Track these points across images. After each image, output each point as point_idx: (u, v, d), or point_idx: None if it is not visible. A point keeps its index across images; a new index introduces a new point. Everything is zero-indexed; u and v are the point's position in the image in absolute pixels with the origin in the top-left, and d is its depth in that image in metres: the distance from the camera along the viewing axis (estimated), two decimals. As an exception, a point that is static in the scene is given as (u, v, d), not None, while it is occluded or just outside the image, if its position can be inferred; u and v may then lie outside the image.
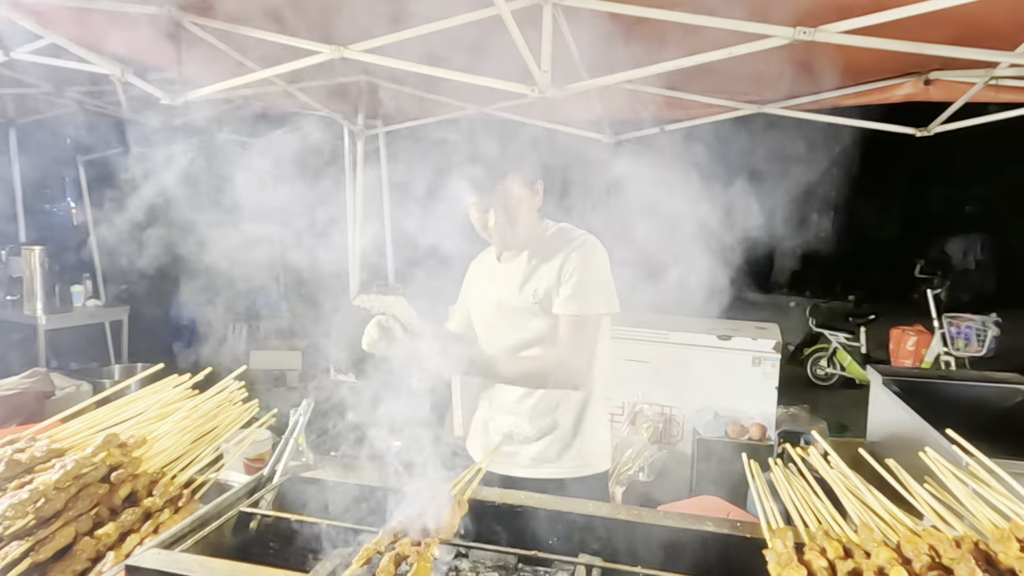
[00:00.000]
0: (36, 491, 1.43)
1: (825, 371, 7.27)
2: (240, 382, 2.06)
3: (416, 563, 1.27)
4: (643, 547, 1.44)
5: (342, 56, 2.84)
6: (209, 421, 1.92)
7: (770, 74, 3.69)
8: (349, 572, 1.23)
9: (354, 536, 1.49)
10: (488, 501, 1.56)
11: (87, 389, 4.73)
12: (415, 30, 2.69)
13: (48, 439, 1.70)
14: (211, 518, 1.46)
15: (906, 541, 1.21)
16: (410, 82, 4.08)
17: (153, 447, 1.74)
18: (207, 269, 8.85)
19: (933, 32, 2.54)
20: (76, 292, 5.89)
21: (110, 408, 1.90)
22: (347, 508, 1.63)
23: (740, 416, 3.88)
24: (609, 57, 3.12)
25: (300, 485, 1.70)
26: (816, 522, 1.40)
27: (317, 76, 4.06)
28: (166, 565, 1.24)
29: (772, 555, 1.27)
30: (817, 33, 2.38)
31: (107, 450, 1.61)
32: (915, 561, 1.15)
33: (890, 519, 1.33)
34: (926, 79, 3.67)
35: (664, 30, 2.62)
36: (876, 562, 1.17)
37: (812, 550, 1.25)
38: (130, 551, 1.46)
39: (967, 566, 1.08)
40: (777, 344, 3.92)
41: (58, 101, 5.27)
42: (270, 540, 1.57)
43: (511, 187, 1.92)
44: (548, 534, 1.52)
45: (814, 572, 1.18)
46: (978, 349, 6.28)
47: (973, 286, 8.44)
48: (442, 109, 4.36)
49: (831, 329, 7.20)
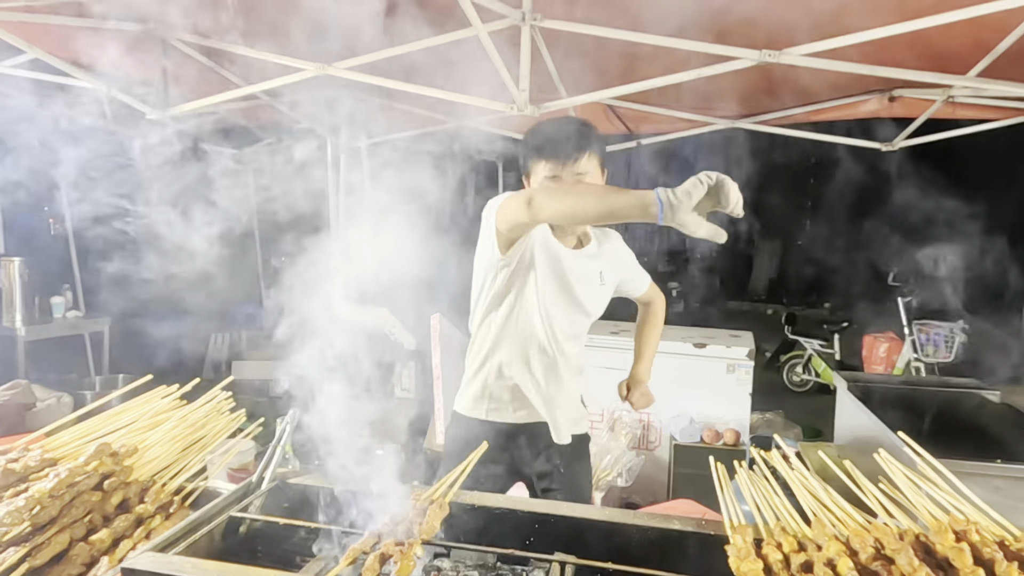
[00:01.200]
0: (32, 499, 1.48)
1: (801, 377, 7.43)
2: (227, 392, 2.12)
3: (400, 562, 1.34)
4: (615, 546, 1.52)
5: (326, 73, 2.91)
6: (197, 431, 1.98)
7: (741, 91, 3.83)
8: (336, 571, 1.30)
9: (340, 538, 1.55)
10: (468, 503, 1.63)
11: (68, 401, 4.73)
12: (398, 49, 2.78)
13: (40, 449, 1.75)
14: (202, 523, 1.52)
15: (855, 535, 1.30)
16: (395, 96, 4.16)
17: (144, 456, 1.80)
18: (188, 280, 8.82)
19: (894, 53, 2.69)
20: (56, 303, 5.87)
21: (100, 419, 1.95)
22: (333, 512, 1.70)
23: (715, 422, 3.99)
24: (586, 74, 3.24)
25: (287, 490, 1.76)
26: (775, 519, 1.50)
27: (300, 91, 4.13)
28: (160, 567, 1.30)
29: (732, 549, 1.36)
30: (782, 56, 2.50)
31: (99, 459, 1.67)
32: (861, 552, 1.24)
33: (843, 515, 1.43)
34: (890, 96, 3.83)
35: (638, 50, 2.73)
36: (826, 554, 1.26)
37: (769, 544, 1.35)
38: (123, 556, 1.51)
39: (906, 555, 1.18)
40: (751, 351, 4.04)
41: (38, 112, 5.27)
42: (258, 544, 1.63)
43: (589, 163, 1.90)
44: (525, 534, 1.59)
45: (770, 565, 1.28)
46: (946, 355, 6.47)
47: (941, 294, 8.68)
48: (426, 122, 4.45)
49: (806, 336, 7.37)
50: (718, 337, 4.24)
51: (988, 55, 2.71)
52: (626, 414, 4.18)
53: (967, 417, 2.52)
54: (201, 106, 3.40)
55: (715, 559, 1.42)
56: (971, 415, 2.52)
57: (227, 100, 3.43)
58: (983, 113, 3.66)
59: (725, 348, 4.05)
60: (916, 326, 6.60)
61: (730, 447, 3.85)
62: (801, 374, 7.41)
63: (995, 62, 2.76)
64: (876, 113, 3.98)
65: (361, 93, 4.19)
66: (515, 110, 2.70)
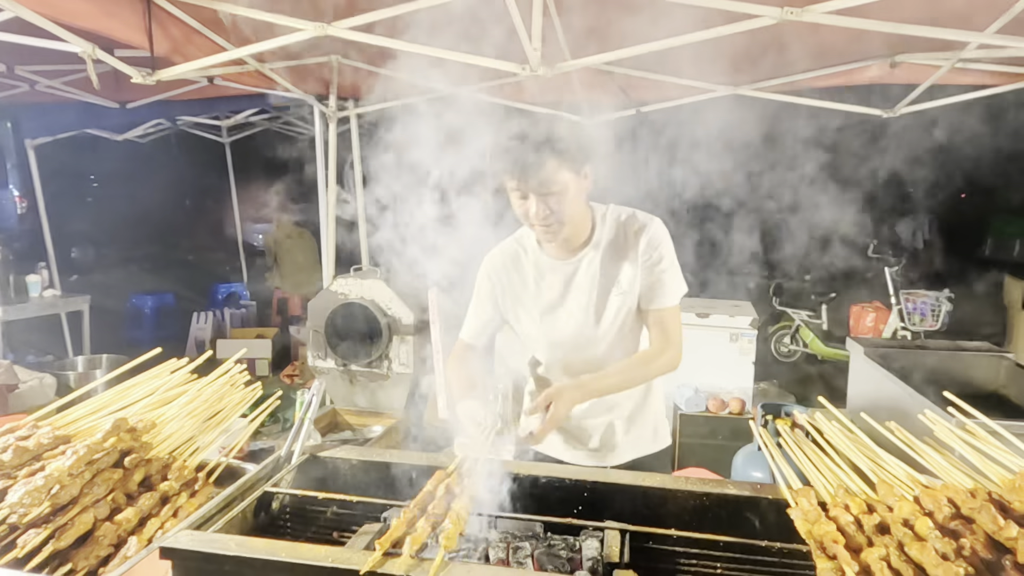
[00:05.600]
0: (51, 477, 1.39)
1: (788, 348, 7.49)
2: (242, 366, 2.02)
3: (447, 531, 1.28)
4: (668, 513, 1.48)
5: (326, 33, 2.77)
6: (213, 405, 1.88)
7: (746, 55, 3.76)
8: (387, 538, 1.23)
9: (378, 511, 1.49)
10: (514, 472, 1.57)
11: (50, 382, 4.58)
12: (401, 7, 2.66)
13: (50, 427, 1.65)
14: (236, 499, 1.44)
15: (925, 494, 1.27)
16: (386, 64, 4.02)
17: (161, 431, 1.71)
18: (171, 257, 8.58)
19: (903, 13, 2.64)
20: (32, 282, 5.65)
21: (110, 394, 1.85)
22: (367, 485, 1.63)
23: (719, 391, 3.98)
24: (594, 37, 3.14)
25: (317, 464, 1.69)
26: (827, 483, 1.46)
27: (289, 56, 3.97)
28: (202, 545, 1.22)
29: (798, 513, 1.31)
30: (804, 13, 2.43)
31: (117, 435, 1.57)
32: (936, 512, 1.21)
33: (903, 476, 1.40)
34: (892, 62, 3.79)
35: (654, 7, 2.64)
36: (900, 515, 1.23)
37: (836, 507, 1.31)
38: (152, 535, 1.43)
39: (987, 513, 1.15)
40: (753, 320, 4.03)
41: (6, 82, 5.00)
42: (290, 519, 1.55)
43: (558, 175, 1.66)
44: (574, 503, 1.54)
45: (842, 527, 1.24)
46: (932, 323, 6.56)
47: (924, 264, 8.80)
48: (419, 91, 4.31)
49: (794, 307, 7.42)
50: (720, 307, 4.22)
51: (1006, 13, 2.67)
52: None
53: (987, 378, 2.52)
54: (188, 70, 3.24)
55: (776, 523, 1.38)
56: (991, 376, 2.52)
57: (216, 64, 3.27)
58: (987, 79, 3.64)
59: (728, 318, 4.03)
60: (903, 295, 6.68)
61: (736, 416, 3.85)
62: (789, 344, 7.47)
63: (1008, 24, 2.72)
64: (878, 79, 3.94)
65: (355, 56, 4.04)
66: (528, 71, 2.60)
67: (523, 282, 1.92)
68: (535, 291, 1.90)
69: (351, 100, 4.69)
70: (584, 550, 1.39)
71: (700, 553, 1.35)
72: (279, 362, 6.58)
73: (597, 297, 1.84)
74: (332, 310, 4.37)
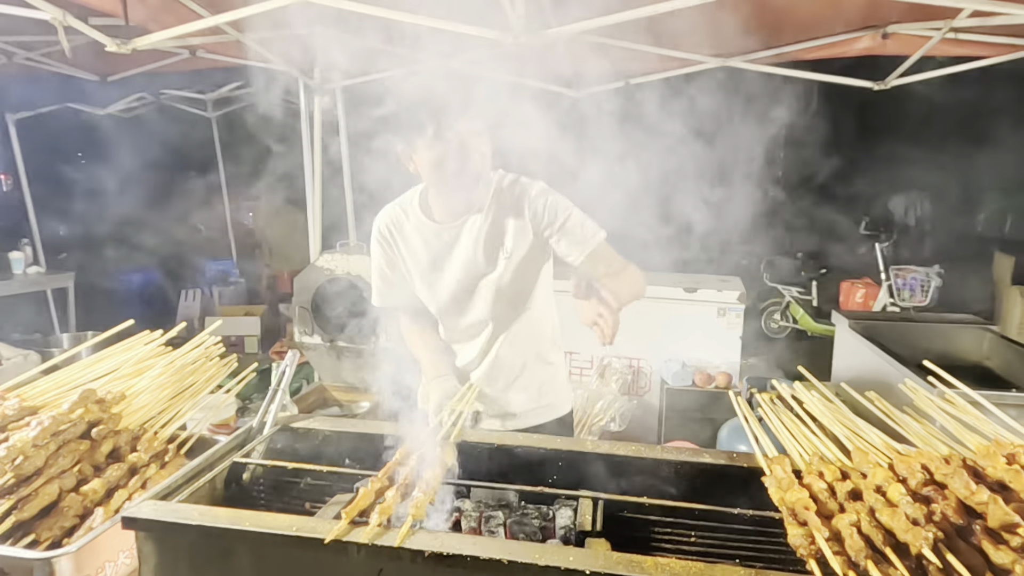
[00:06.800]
0: (14, 448, 1.36)
1: (778, 324, 7.50)
2: (216, 337, 1.99)
3: (422, 494, 1.26)
4: (642, 482, 1.47)
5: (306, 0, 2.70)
6: (187, 377, 1.85)
7: (734, 25, 3.69)
8: (354, 507, 1.21)
9: (350, 481, 1.47)
10: (484, 443, 1.55)
11: (35, 359, 4.54)
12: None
13: (17, 398, 1.62)
14: (204, 470, 1.41)
15: (899, 461, 1.25)
16: (370, 35, 3.93)
17: (132, 404, 1.68)
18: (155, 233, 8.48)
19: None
20: (15, 259, 5.58)
21: (80, 366, 1.82)
22: (342, 455, 1.61)
23: (706, 366, 3.98)
24: (580, 4, 3.07)
25: (290, 435, 1.67)
26: (803, 451, 1.45)
27: (271, 27, 3.88)
28: (164, 515, 1.20)
29: (772, 480, 1.30)
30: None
31: (84, 406, 1.54)
32: (910, 479, 1.19)
33: (879, 444, 1.38)
34: (883, 32, 3.73)
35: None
36: (873, 481, 1.21)
37: (810, 474, 1.29)
38: (119, 507, 1.41)
39: (960, 479, 1.13)
40: (741, 295, 4.01)
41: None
42: (262, 491, 1.53)
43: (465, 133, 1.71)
44: (548, 472, 1.53)
45: (815, 494, 1.22)
46: (922, 299, 6.57)
47: (915, 241, 8.80)
48: (403, 63, 4.23)
49: (784, 284, 7.41)
50: (708, 282, 4.20)
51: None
52: (616, 360, 4.15)
53: (970, 350, 2.51)
54: (164, 39, 3.16)
55: (751, 491, 1.37)
56: (974, 348, 2.51)
57: (192, 32, 3.19)
58: (979, 51, 3.59)
59: (716, 292, 4.01)
60: (893, 271, 6.67)
61: (722, 390, 3.85)
62: (779, 321, 7.47)
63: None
64: (869, 51, 3.88)
65: (340, 27, 3.96)
66: (512, 37, 2.54)
67: (408, 245, 1.94)
68: (419, 254, 1.92)
69: (336, 72, 4.61)
70: (557, 519, 1.38)
71: (674, 521, 1.34)
72: (271, 339, 6.54)
73: (484, 260, 1.85)
74: (318, 286, 4.33)
